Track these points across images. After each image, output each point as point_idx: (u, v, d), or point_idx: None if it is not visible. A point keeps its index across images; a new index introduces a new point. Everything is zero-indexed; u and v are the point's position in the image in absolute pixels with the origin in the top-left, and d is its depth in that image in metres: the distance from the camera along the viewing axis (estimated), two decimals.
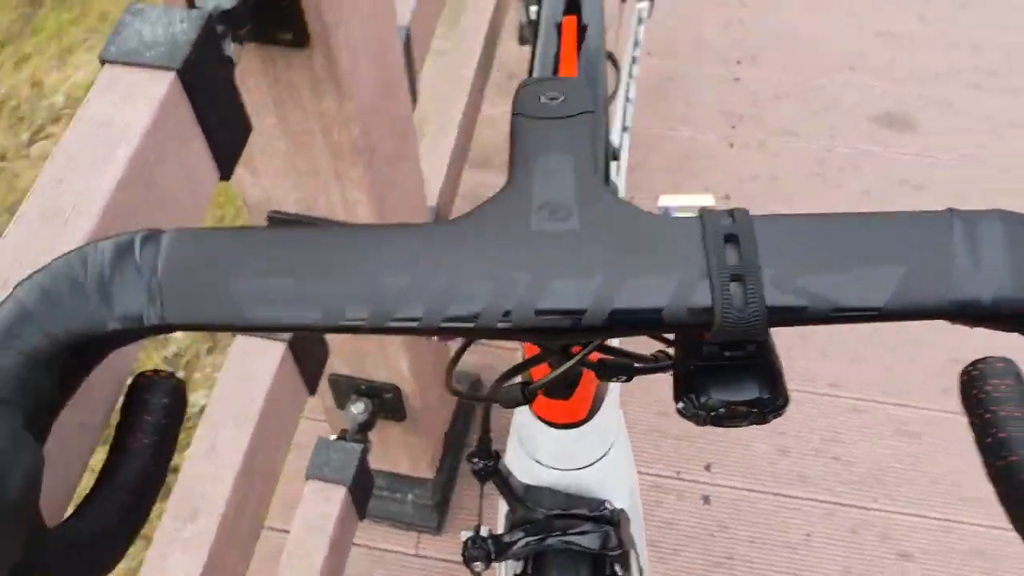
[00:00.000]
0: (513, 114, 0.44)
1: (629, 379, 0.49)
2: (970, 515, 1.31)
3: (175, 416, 0.39)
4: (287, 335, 0.79)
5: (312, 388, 0.88)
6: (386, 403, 1.14)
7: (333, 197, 0.82)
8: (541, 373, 0.52)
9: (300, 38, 0.66)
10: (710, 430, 1.37)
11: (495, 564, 0.61)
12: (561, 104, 0.44)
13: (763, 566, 1.28)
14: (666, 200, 0.70)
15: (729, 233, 0.37)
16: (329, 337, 0.91)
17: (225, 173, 0.60)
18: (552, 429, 0.57)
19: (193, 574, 0.69)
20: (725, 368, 0.40)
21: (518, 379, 0.50)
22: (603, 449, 0.59)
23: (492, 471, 0.59)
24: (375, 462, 1.14)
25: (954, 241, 0.36)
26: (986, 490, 1.20)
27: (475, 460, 0.59)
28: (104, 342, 0.35)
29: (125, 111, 0.52)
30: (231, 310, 0.36)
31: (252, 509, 0.77)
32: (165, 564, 0.70)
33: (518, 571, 0.61)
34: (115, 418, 0.40)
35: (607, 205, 0.39)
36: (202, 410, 0.79)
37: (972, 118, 1.78)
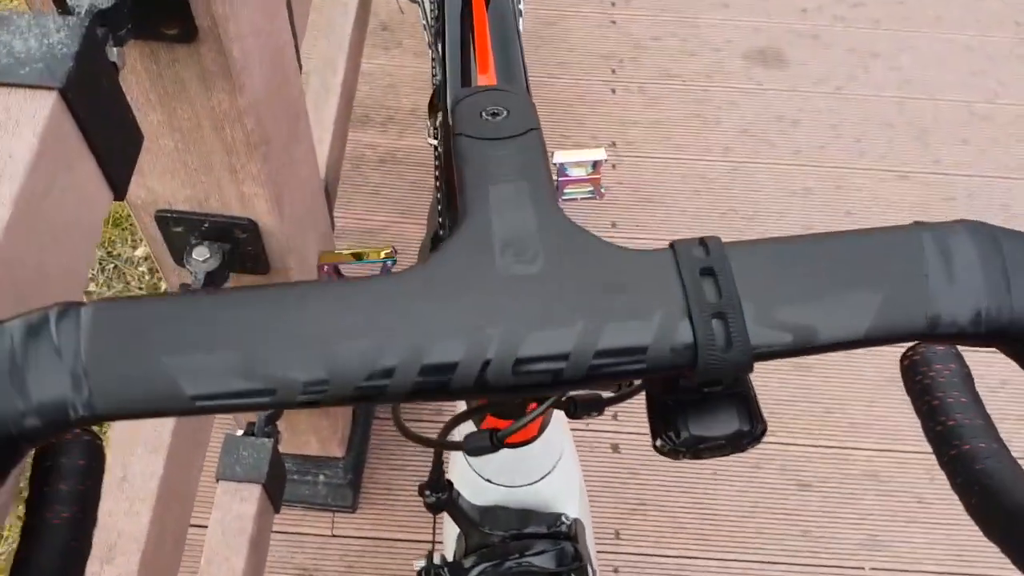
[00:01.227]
0: (454, 134, 0.41)
1: (600, 413, 0.47)
2: (861, 441, 1.38)
3: (95, 478, 0.35)
4: None
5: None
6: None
7: (227, 193, 0.76)
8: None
9: (187, 33, 0.59)
10: None
11: None
12: (505, 121, 0.41)
13: (675, 508, 1.31)
14: (561, 156, 0.69)
15: (704, 267, 0.35)
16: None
17: (119, 193, 0.54)
18: (504, 448, 0.55)
19: None
20: (702, 402, 0.39)
21: (467, 424, 0.48)
22: (553, 461, 0.58)
23: (447, 502, 0.56)
24: (283, 447, 1.09)
25: (926, 258, 0.35)
26: (875, 416, 1.25)
27: (427, 493, 0.56)
28: (21, 441, 0.31)
29: (4, 141, 0.46)
30: (170, 392, 0.32)
31: (172, 536, 0.73)
32: None
33: None
34: (24, 492, 0.35)
35: (572, 240, 0.37)
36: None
37: (839, 50, 1.82)
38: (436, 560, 0.57)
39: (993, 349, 0.37)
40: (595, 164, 1.06)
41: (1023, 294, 0.34)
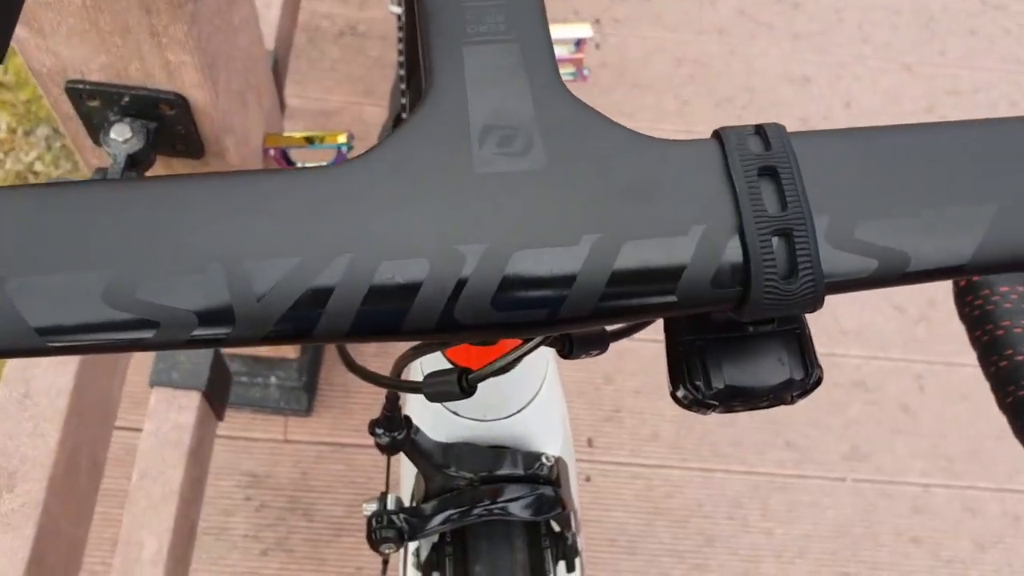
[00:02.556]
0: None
1: (603, 351, 0.38)
2: (849, 348, 1.31)
3: None
4: None
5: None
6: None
7: (150, 61, 0.63)
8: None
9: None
10: None
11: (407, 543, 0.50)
12: None
13: (651, 416, 1.24)
14: None
15: (765, 166, 0.25)
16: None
17: None
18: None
19: (20, 556, 0.56)
20: (741, 342, 0.30)
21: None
22: (532, 391, 0.49)
23: (403, 441, 0.47)
24: None
25: None
26: (863, 322, 1.15)
27: (379, 432, 0.47)
28: None
29: None
30: (10, 325, 0.23)
31: (87, 459, 0.63)
32: None
33: (432, 548, 0.51)
34: None
35: (580, 124, 0.27)
36: None
37: None
38: (390, 504, 0.49)
39: None
40: (579, 42, 0.94)
41: None
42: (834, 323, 1.32)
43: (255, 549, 1.12)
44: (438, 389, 0.37)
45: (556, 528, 0.50)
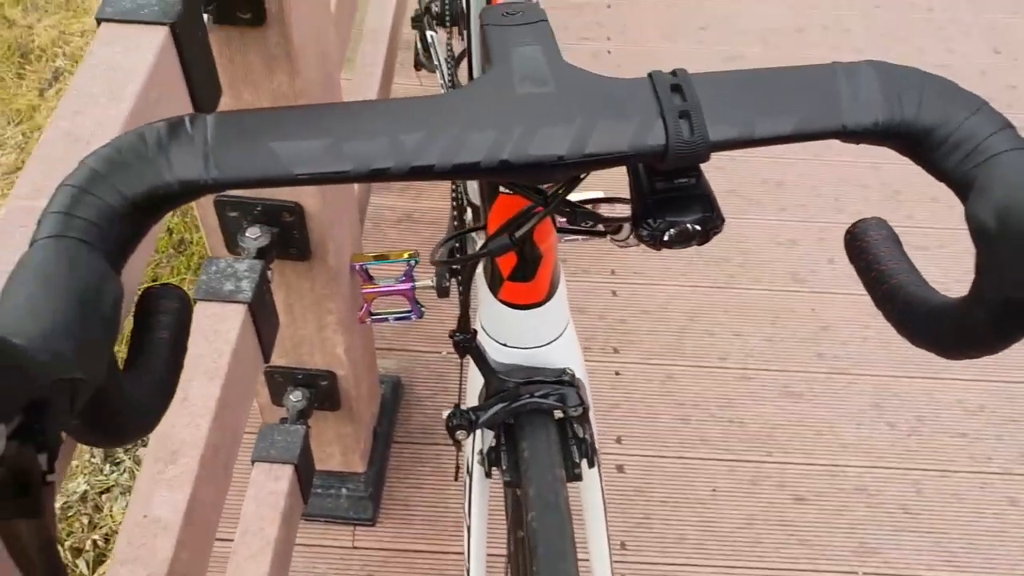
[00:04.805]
0: (482, 26, 0.54)
1: (595, 224, 0.59)
2: (850, 459, 1.46)
3: (186, 316, 0.44)
4: (247, 297, 0.86)
5: (267, 355, 0.94)
6: (322, 391, 1.21)
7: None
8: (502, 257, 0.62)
9: (259, 16, 0.75)
10: (617, 406, 1.49)
11: (469, 439, 0.70)
12: (521, 15, 0.54)
13: (677, 522, 1.39)
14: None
15: (674, 84, 0.46)
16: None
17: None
18: (518, 311, 0.67)
19: (180, 508, 0.75)
20: (673, 198, 0.49)
21: (497, 233, 0.59)
22: (560, 328, 0.69)
23: (471, 343, 0.68)
24: None
25: (839, 83, 0.46)
26: (860, 437, 1.38)
27: (456, 335, 0.68)
28: (167, 199, 0.42)
29: (129, 57, 0.60)
30: (276, 166, 0.44)
31: (225, 452, 0.83)
32: (151, 501, 0.76)
33: (491, 444, 0.70)
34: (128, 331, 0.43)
35: (575, 74, 0.47)
36: None
37: None
38: (462, 407, 0.68)
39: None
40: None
41: (909, 108, 0.45)
42: (834, 438, 1.48)
43: None
44: (499, 245, 0.58)
45: (580, 433, 0.69)
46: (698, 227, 0.49)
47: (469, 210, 1.20)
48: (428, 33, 1.43)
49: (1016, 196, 0.41)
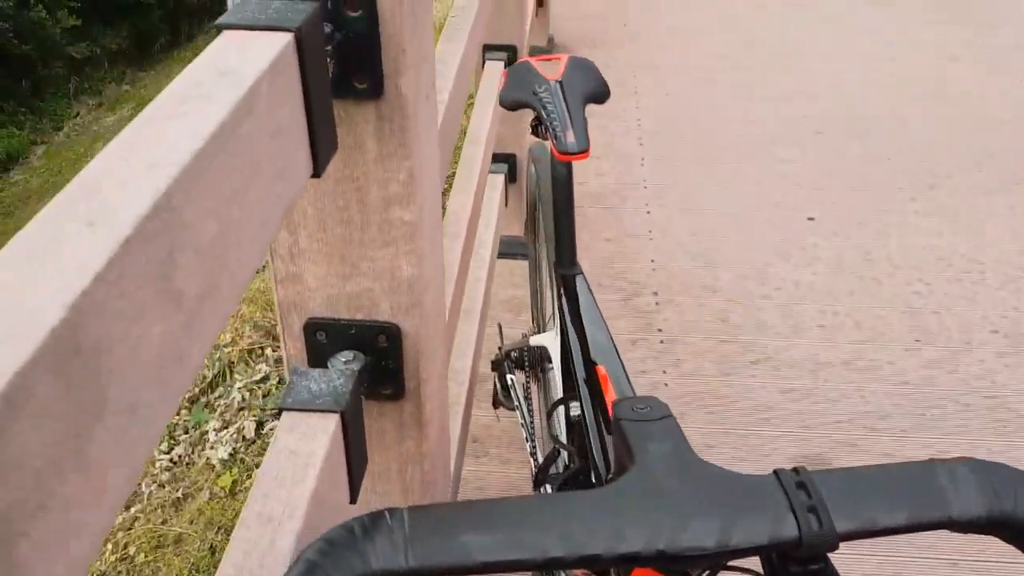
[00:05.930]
0: (616, 420, 0.62)
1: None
2: None
3: None
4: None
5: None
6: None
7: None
8: None
9: (398, 392, 0.85)
10: None
11: None
12: (649, 410, 0.62)
13: None
14: None
15: (798, 481, 0.54)
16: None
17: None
18: None
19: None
20: None
21: None
22: None
23: None
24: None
25: (940, 480, 0.54)
26: None
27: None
28: None
29: (307, 443, 0.69)
30: (465, 555, 0.51)
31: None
32: None
33: None
34: None
35: (708, 470, 0.56)
36: None
37: None
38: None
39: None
40: None
41: (1007, 501, 0.53)
42: None
43: None
44: None
45: None
46: None
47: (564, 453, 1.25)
48: (508, 376, 1.54)
49: None
